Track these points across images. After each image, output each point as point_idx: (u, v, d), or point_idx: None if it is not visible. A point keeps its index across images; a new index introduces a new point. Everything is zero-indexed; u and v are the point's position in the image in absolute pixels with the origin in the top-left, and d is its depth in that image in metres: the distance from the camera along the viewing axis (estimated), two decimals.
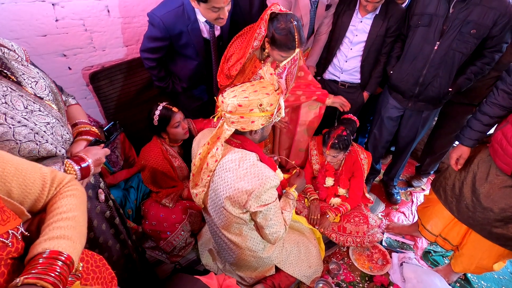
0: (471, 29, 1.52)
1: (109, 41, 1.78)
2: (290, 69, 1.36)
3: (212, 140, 1.29)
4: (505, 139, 1.27)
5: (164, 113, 1.67)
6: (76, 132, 1.05)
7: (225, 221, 1.33)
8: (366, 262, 1.91)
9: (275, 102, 1.19)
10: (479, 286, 1.82)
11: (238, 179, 1.20)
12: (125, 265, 1.33)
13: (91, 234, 1.10)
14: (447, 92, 1.74)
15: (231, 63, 1.60)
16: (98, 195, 1.14)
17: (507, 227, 1.35)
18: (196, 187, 1.38)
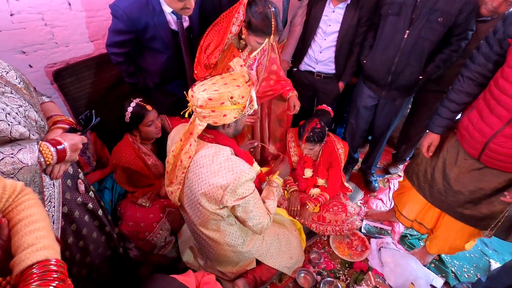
0: (438, 17, 1.55)
1: (72, 37, 1.68)
2: (260, 59, 1.35)
3: (185, 136, 1.26)
4: (471, 125, 1.31)
5: (137, 111, 1.59)
6: (52, 122, 1.02)
7: (202, 218, 1.31)
8: (346, 249, 1.95)
9: (247, 94, 1.17)
10: (452, 265, 1.90)
11: (212, 174, 1.18)
12: (112, 258, 1.31)
13: (74, 225, 1.08)
14: (418, 80, 1.78)
15: (209, 51, 1.56)
16: (77, 186, 1.12)
17: (476, 208, 1.41)
18: (171, 185, 1.35)
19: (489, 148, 1.25)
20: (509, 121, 1.15)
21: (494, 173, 1.32)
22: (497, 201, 1.35)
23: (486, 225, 1.43)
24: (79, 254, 1.10)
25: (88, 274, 1.15)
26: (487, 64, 1.25)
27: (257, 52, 1.27)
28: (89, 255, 1.14)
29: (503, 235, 1.42)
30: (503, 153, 1.22)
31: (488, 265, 1.91)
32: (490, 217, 1.38)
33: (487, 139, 1.23)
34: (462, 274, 1.86)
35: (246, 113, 1.22)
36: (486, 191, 1.35)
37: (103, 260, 1.23)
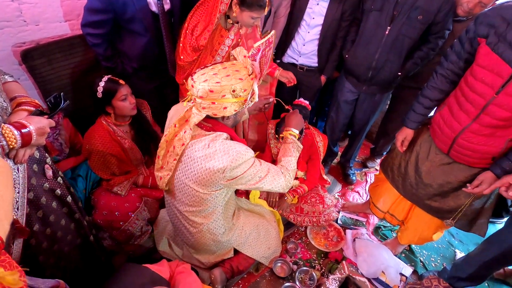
0: (418, 15, 1.58)
1: (43, 15, 1.58)
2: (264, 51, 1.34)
3: (180, 122, 1.23)
4: (443, 120, 1.37)
5: (109, 85, 1.53)
6: (16, 103, 0.96)
7: (193, 203, 1.30)
8: (322, 240, 2.00)
9: (249, 87, 1.15)
10: (421, 255, 2.00)
11: (208, 158, 1.16)
12: (82, 246, 1.27)
13: (40, 212, 1.04)
14: (397, 76, 1.82)
15: (197, 32, 1.52)
16: (45, 171, 1.06)
17: (444, 200, 1.48)
18: (161, 170, 1.33)
19: (457, 143, 1.30)
20: (476, 117, 1.21)
21: (461, 168, 1.38)
22: (463, 195, 1.42)
23: (451, 217, 1.50)
24: (46, 242, 1.06)
25: (56, 262, 1.11)
26: (459, 62, 1.30)
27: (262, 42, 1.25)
28: (57, 243, 1.10)
29: (467, 227, 1.50)
30: (470, 148, 1.28)
31: (453, 255, 2.03)
32: (456, 210, 1.46)
33: (456, 134, 1.29)
34: (429, 263, 1.96)
35: (247, 106, 1.21)
36: (453, 184, 1.42)
37: (73, 248, 1.19)
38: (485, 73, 1.13)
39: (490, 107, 1.14)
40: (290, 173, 1.34)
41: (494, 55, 1.09)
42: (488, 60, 1.11)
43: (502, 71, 1.07)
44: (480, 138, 1.23)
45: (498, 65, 1.08)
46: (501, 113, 1.12)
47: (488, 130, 1.20)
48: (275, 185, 1.28)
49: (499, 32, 1.08)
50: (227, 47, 1.61)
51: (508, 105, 1.09)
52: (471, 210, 1.43)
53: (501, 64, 1.07)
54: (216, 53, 1.62)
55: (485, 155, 1.26)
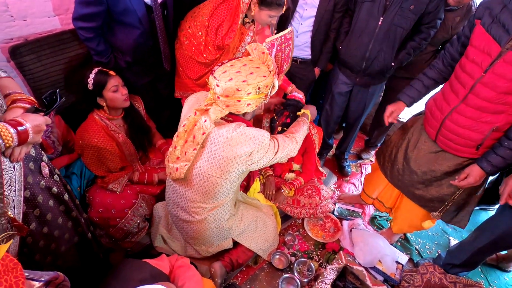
0: (410, 5, 1.59)
1: (30, 9, 1.54)
2: (280, 46, 1.36)
3: (200, 111, 1.24)
4: (435, 104, 1.40)
5: (99, 77, 1.52)
6: (10, 100, 0.94)
7: (209, 189, 1.33)
8: (320, 231, 2.02)
9: (271, 83, 1.19)
10: (416, 243, 2.03)
11: (234, 142, 1.21)
12: (80, 244, 1.27)
13: (37, 211, 1.03)
14: (390, 67, 1.83)
15: (223, 32, 1.55)
16: (41, 169, 1.05)
17: (427, 189, 1.52)
18: (178, 161, 1.33)
19: (445, 125, 1.34)
20: (464, 97, 1.23)
21: (446, 157, 1.42)
22: (446, 184, 1.45)
23: (433, 207, 1.54)
24: (42, 241, 1.05)
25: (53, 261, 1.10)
26: (457, 45, 1.33)
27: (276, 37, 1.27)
28: (54, 241, 1.09)
29: (447, 218, 1.53)
30: (455, 131, 1.31)
31: (447, 242, 2.07)
32: (438, 199, 1.49)
33: (444, 115, 1.33)
34: (425, 251, 1.99)
35: (266, 101, 1.25)
36: (437, 173, 1.45)
37: (70, 246, 1.18)
38: (476, 52, 1.16)
39: (477, 86, 1.18)
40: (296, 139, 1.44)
41: (487, 34, 1.12)
42: (481, 40, 1.14)
43: (491, 50, 1.11)
44: (466, 121, 1.26)
45: (489, 44, 1.11)
46: (487, 93, 1.16)
47: (474, 113, 1.22)
48: (289, 152, 1.38)
49: (494, 14, 1.12)
50: (247, 43, 1.67)
51: (494, 83, 1.12)
52: (453, 201, 1.47)
53: (491, 43, 1.10)
54: (237, 50, 1.68)
55: (469, 142, 1.29)
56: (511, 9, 1.07)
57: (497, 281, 1.85)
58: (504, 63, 1.08)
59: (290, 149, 1.38)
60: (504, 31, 1.08)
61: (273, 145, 1.34)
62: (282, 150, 1.35)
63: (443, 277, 1.60)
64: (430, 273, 1.62)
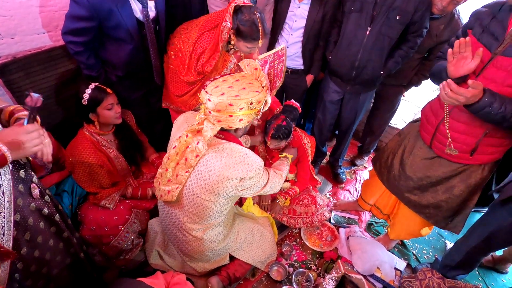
0: (397, 15, 1.64)
1: (19, 27, 1.53)
2: (272, 63, 1.39)
3: (192, 133, 1.22)
4: (430, 110, 1.43)
5: (96, 93, 1.50)
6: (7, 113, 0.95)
7: (200, 212, 1.31)
8: (317, 240, 2.01)
9: (263, 99, 1.19)
10: (413, 248, 2.03)
11: (227, 166, 1.19)
12: (72, 265, 1.22)
13: (27, 234, 0.99)
14: (379, 75, 1.87)
15: (204, 60, 1.59)
16: (31, 191, 1.02)
17: (423, 195, 1.53)
18: (169, 183, 1.31)
19: (439, 130, 1.36)
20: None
21: (441, 163, 1.44)
22: (441, 190, 1.47)
23: (429, 214, 1.54)
24: (34, 265, 1.01)
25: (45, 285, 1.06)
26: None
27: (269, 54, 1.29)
28: (46, 265, 1.05)
29: (442, 224, 1.55)
30: (449, 136, 1.32)
31: (444, 246, 2.08)
32: (434, 205, 1.50)
33: (439, 120, 1.35)
34: (422, 256, 1.99)
35: (259, 117, 1.25)
36: (432, 179, 1.47)
37: (62, 269, 1.14)
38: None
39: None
40: (282, 176, 1.50)
41: (478, 43, 1.18)
42: (473, 48, 1.17)
43: (483, 56, 1.15)
44: (459, 125, 1.29)
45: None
46: None
47: (467, 117, 1.25)
48: (273, 187, 1.39)
49: (484, 24, 1.18)
50: (230, 70, 1.70)
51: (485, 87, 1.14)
52: (448, 207, 1.48)
53: (483, 51, 1.14)
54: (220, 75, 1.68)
55: (463, 147, 1.32)
56: (500, 19, 1.15)
57: (495, 283, 1.85)
58: (494, 67, 1.13)
59: (275, 185, 1.41)
60: (494, 39, 1.14)
61: (266, 176, 1.35)
62: (270, 183, 1.37)
63: (441, 282, 1.60)
64: (429, 278, 1.62)
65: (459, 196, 1.44)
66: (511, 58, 1.07)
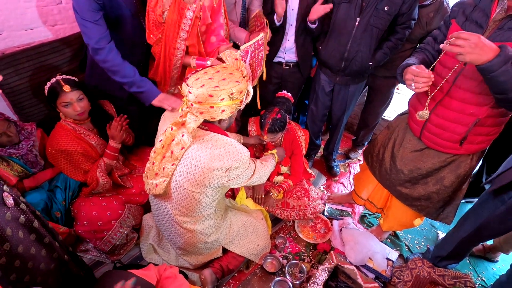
0: (385, 6, 1.64)
1: (6, 23, 1.52)
2: (254, 53, 1.34)
3: (176, 126, 1.23)
4: (418, 100, 1.43)
5: (54, 87, 1.49)
6: None
7: (188, 203, 1.31)
8: (310, 232, 2.03)
9: (245, 89, 1.19)
10: (406, 238, 2.05)
11: (213, 157, 1.20)
12: (57, 269, 1.21)
13: (7, 245, 0.96)
14: (368, 66, 1.87)
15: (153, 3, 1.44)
16: (4, 200, 0.99)
17: (414, 187, 1.54)
18: (156, 177, 1.32)
19: (430, 120, 1.36)
20: (448, 90, 1.28)
21: (431, 154, 1.45)
22: (432, 182, 1.48)
23: (420, 206, 1.56)
24: (14, 274, 0.98)
25: None
26: (434, 43, 1.38)
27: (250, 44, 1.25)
28: (28, 273, 1.03)
29: (434, 215, 1.56)
30: (440, 124, 1.34)
31: (436, 236, 2.10)
32: (425, 197, 1.52)
33: (429, 111, 1.35)
34: (414, 246, 2.02)
35: (242, 107, 1.25)
36: (422, 171, 1.48)
37: (47, 274, 1.11)
38: None
39: (459, 78, 1.23)
40: (268, 167, 1.53)
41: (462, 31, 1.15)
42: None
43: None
44: (450, 114, 1.29)
45: None
46: (469, 83, 1.20)
47: (458, 105, 1.26)
48: (260, 177, 1.41)
49: (466, 13, 1.20)
50: (189, 20, 1.52)
51: (474, 73, 1.17)
52: (438, 198, 1.50)
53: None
54: (179, 28, 1.54)
55: (454, 135, 1.32)
56: (482, 7, 1.16)
57: (485, 272, 1.88)
58: None
59: (261, 175, 1.44)
60: (478, 26, 1.16)
61: (252, 166, 1.36)
62: (257, 173, 1.39)
63: (432, 271, 1.62)
64: (419, 267, 1.64)
65: (450, 186, 1.46)
66: (497, 43, 1.04)
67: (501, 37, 1.09)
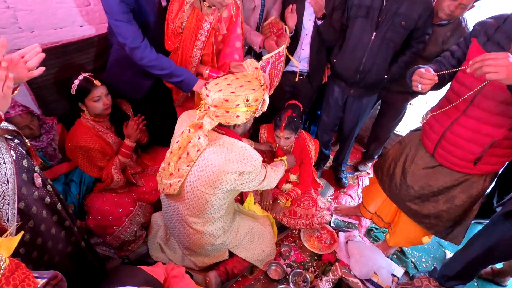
0: (402, 21, 1.66)
1: (38, 22, 1.60)
2: (274, 63, 1.38)
3: (194, 128, 1.28)
4: (435, 120, 1.43)
5: (83, 84, 1.55)
6: None
7: (200, 205, 1.35)
8: (316, 242, 2.02)
9: (261, 97, 1.23)
10: (412, 255, 2.03)
11: (227, 161, 1.23)
12: (73, 253, 1.26)
13: (31, 222, 1.02)
14: (383, 79, 1.88)
15: (173, 15, 1.51)
16: (34, 180, 1.05)
17: (424, 204, 1.53)
18: (171, 177, 1.35)
19: (445, 137, 1.36)
20: (465, 109, 1.28)
21: (444, 172, 1.44)
22: (442, 200, 1.47)
23: (429, 224, 1.54)
24: (36, 252, 1.04)
25: None
26: (452, 59, 1.39)
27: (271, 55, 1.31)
28: (48, 253, 1.08)
29: (443, 234, 1.54)
30: (455, 143, 1.33)
31: (443, 255, 2.06)
32: (434, 215, 1.50)
33: (445, 128, 1.35)
34: (420, 264, 1.99)
35: (257, 115, 1.28)
36: (433, 188, 1.47)
37: (63, 256, 1.17)
38: None
39: (478, 97, 1.23)
40: (278, 172, 1.56)
41: (483, 51, 1.19)
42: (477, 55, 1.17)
43: None
44: (466, 132, 1.29)
45: None
46: (487, 103, 1.20)
47: (475, 124, 1.26)
48: (270, 182, 1.44)
49: (488, 34, 1.21)
50: (206, 31, 1.59)
51: (494, 94, 1.17)
52: (448, 217, 1.48)
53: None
54: (196, 38, 1.61)
55: (468, 155, 1.32)
56: (505, 30, 1.17)
57: None
58: None
59: (271, 180, 1.47)
60: (499, 48, 1.16)
61: (264, 171, 1.39)
62: (267, 178, 1.42)
63: None
64: (425, 286, 1.62)
65: (461, 206, 1.44)
66: None
67: None
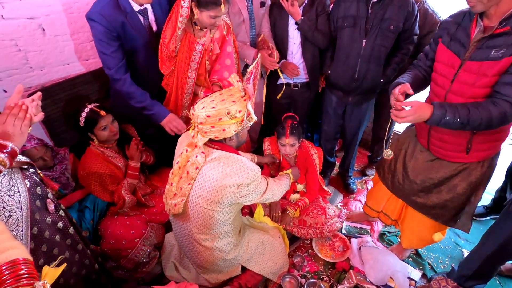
0: (389, 25, 1.72)
1: (47, 60, 1.72)
2: (255, 73, 1.45)
3: (190, 147, 1.33)
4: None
5: (90, 116, 1.64)
6: None
7: (205, 221, 1.37)
8: (329, 251, 2.01)
9: (243, 108, 1.26)
10: (429, 257, 1.99)
11: (225, 175, 1.26)
12: (87, 276, 1.29)
13: (44, 246, 1.06)
14: (379, 83, 1.92)
15: (167, 40, 1.59)
16: (47, 206, 1.11)
17: (428, 196, 1.54)
18: (175, 197, 1.40)
19: (432, 135, 1.41)
20: None
21: (442, 164, 1.47)
22: (445, 190, 1.48)
23: (436, 214, 1.55)
24: None
25: None
26: (426, 60, 1.45)
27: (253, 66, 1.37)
28: (62, 276, 1.11)
29: (451, 223, 1.54)
30: (441, 138, 1.38)
31: (461, 254, 2.02)
32: (440, 205, 1.51)
33: (428, 126, 1.39)
34: (438, 265, 1.95)
35: (245, 126, 1.32)
36: (434, 180, 1.49)
37: (78, 279, 1.20)
38: (442, 66, 1.30)
39: (448, 95, 1.28)
40: (282, 185, 1.57)
41: (448, 51, 1.26)
42: (443, 55, 1.27)
43: (454, 63, 1.24)
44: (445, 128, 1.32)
45: (451, 59, 1.25)
46: (457, 100, 1.25)
47: None
48: (273, 195, 1.45)
49: (450, 33, 1.27)
50: (199, 52, 1.67)
51: (461, 91, 1.23)
52: (453, 205, 1.49)
53: (452, 57, 1.24)
54: (190, 60, 1.69)
55: (457, 146, 1.36)
56: (464, 27, 1.23)
57: None
58: (465, 72, 1.21)
59: (274, 192, 1.48)
60: (461, 46, 1.23)
61: (264, 183, 1.41)
62: (269, 190, 1.44)
63: None
64: (443, 287, 1.59)
65: (463, 194, 1.46)
66: (478, 62, 1.15)
67: (480, 56, 1.15)
